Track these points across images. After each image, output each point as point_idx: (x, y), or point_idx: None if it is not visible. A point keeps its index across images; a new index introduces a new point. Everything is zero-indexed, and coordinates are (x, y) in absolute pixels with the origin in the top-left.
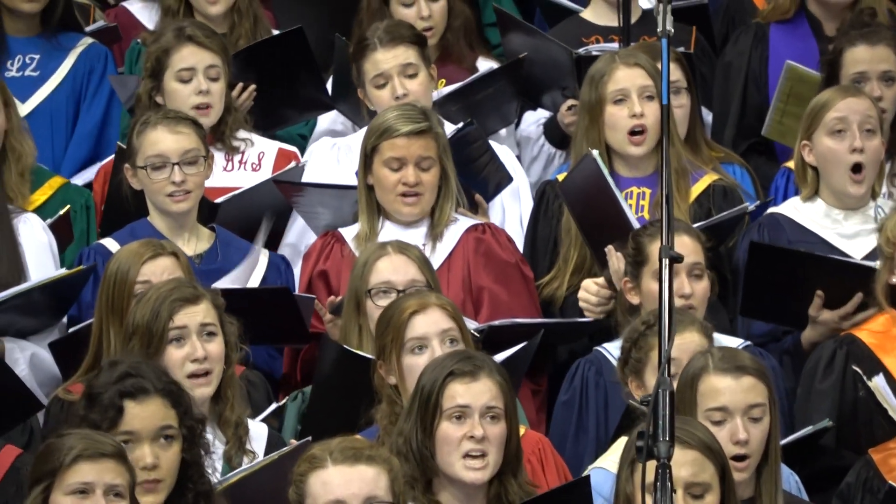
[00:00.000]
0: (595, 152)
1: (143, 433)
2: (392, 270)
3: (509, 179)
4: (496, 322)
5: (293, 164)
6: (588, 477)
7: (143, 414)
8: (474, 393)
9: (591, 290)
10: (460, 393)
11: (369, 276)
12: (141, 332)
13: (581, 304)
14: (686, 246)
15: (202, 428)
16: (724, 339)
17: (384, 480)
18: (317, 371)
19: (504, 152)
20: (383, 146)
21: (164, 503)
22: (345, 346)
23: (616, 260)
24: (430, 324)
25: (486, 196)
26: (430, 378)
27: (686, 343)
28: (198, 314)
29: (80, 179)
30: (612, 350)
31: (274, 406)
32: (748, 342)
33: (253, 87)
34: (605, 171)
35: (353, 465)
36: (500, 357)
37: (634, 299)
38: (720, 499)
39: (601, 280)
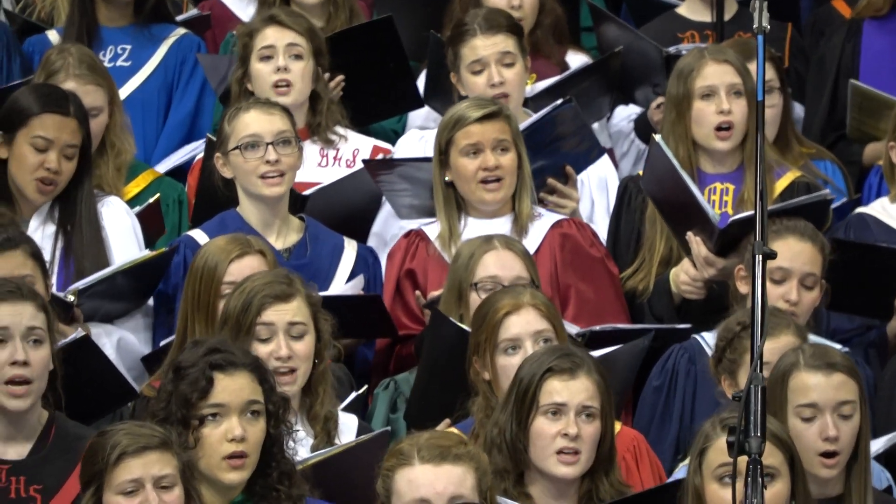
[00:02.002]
0: (658, 137)
1: (232, 406)
2: (500, 266)
3: (601, 152)
4: (597, 327)
5: (381, 157)
6: (678, 482)
7: (233, 386)
8: (572, 391)
9: (686, 281)
10: (558, 390)
11: (475, 269)
12: (231, 322)
13: (683, 286)
14: (805, 253)
15: (286, 407)
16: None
17: (471, 480)
18: (425, 346)
19: None
20: (458, 136)
21: (248, 482)
22: (452, 319)
23: (696, 245)
24: (523, 324)
25: (577, 168)
26: (528, 372)
27: (781, 346)
28: (287, 312)
29: (167, 165)
30: (708, 339)
31: (354, 395)
32: (846, 349)
33: (341, 77)
34: (670, 154)
35: (440, 465)
36: (603, 352)
37: (744, 289)
38: (790, 489)
39: (692, 272)
